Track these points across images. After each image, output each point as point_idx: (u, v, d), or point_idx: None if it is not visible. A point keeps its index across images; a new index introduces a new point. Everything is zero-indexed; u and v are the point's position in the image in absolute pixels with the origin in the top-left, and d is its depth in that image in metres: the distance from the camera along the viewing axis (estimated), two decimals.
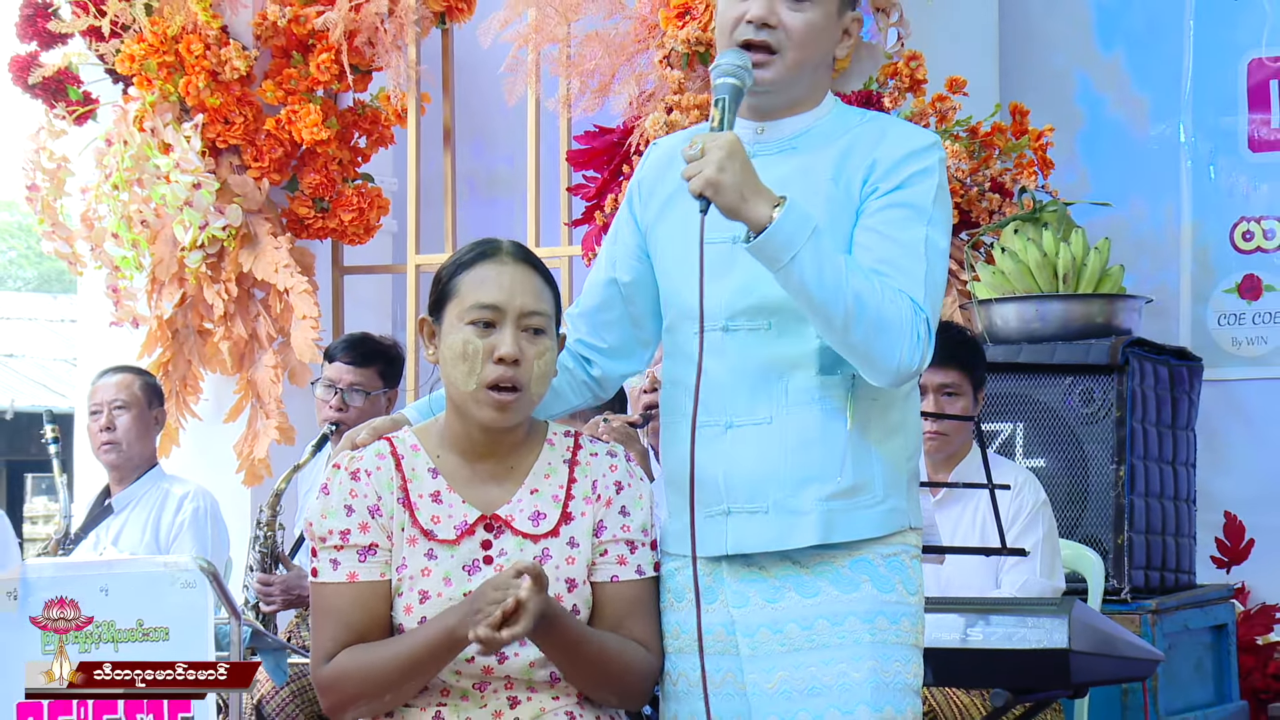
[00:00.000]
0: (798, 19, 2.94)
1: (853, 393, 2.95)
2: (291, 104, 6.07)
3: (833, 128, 3.02)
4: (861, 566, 2.96)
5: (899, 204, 2.92)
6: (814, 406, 2.95)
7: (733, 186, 2.80)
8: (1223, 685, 5.39)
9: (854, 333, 2.83)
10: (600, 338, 3.18)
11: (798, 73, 2.97)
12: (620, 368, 3.21)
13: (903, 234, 2.90)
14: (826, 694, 2.92)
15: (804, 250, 2.79)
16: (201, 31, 6.01)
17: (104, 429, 5.39)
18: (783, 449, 2.94)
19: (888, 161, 2.94)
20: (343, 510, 3.03)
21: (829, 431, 2.94)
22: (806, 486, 2.94)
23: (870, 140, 2.98)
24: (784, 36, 2.93)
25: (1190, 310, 6.16)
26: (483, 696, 3.01)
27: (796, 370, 2.95)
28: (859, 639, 2.93)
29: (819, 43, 2.97)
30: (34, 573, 4.19)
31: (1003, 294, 5.34)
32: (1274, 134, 6.10)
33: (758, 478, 2.93)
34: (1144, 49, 6.26)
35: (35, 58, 6.26)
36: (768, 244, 2.80)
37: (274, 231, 6.14)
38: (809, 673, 2.93)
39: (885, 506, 2.97)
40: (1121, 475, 5.08)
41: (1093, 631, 3.72)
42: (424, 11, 6.17)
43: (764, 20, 2.92)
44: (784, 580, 2.97)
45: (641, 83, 5.50)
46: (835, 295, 2.81)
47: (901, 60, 5.43)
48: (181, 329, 6.22)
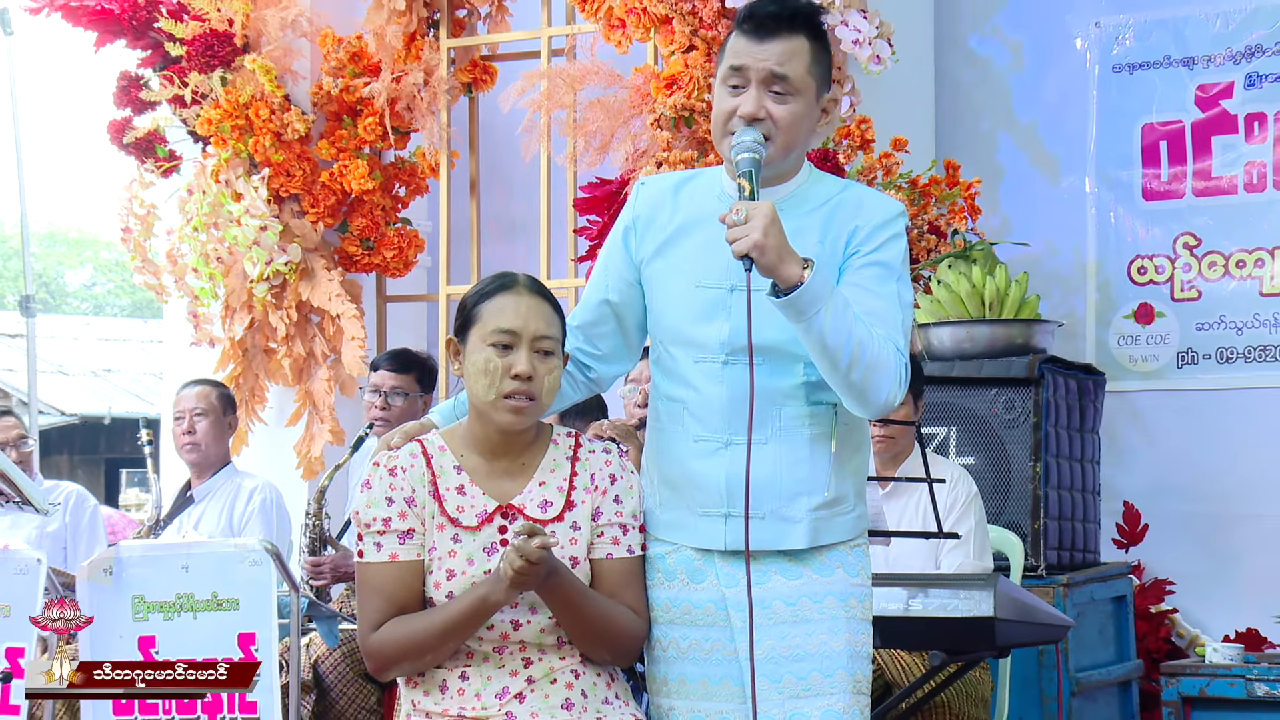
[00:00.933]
0: (783, 110, 2.91)
1: (835, 420, 2.96)
2: (342, 160, 6.07)
3: (813, 192, 3.01)
4: (834, 555, 2.98)
5: (876, 263, 2.92)
6: (803, 431, 2.95)
7: (774, 249, 2.76)
8: (1122, 647, 5.38)
9: (855, 373, 2.82)
10: (595, 346, 3.17)
11: (787, 154, 2.95)
12: (613, 370, 3.21)
13: (881, 289, 2.90)
14: (809, 659, 2.93)
15: (827, 306, 2.78)
16: (268, 99, 6.01)
17: (186, 433, 5.39)
18: (776, 466, 2.94)
19: (867, 228, 2.94)
20: (384, 501, 3.02)
21: (816, 452, 2.95)
22: (797, 499, 2.95)
23: (850, 209, 2.97)
24: (773, 126, 2.90)
25: (1094, 333, 6.15)
26: (501, 658, 3.01)
27: (789, 400, 2.95)
28: (836, 615, 2.95)
29: (803, 127, 2.95)
30: (126, 552, 4.18)
31: (939, 319, 5.33)
32: (1164, 186, 6.09)
33: (756, 488, 2.90)
34: (1055, 115, 6.25)
35: (129, 122, 6.25)
36: (800, 299, 2.77)
37: (328, 266, 6.13)
38: (793, 641, 2.94)
39: (855, 514, 3.01)
40: (1038, 471, 5.07)
41: (1014, 602, 3.71)
42: (454, 83, 6.18)
43: (754, 115, 2.89)
44: (769, 565, 2.97)
45: (636, 142, 5.49)
46: (845, 343, 2.80)
47: (854, 123, 5.43)
48: (250, 348, 6.21)
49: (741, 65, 2.90)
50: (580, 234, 5.74)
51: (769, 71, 2.89)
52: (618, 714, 3.04)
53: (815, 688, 2.92)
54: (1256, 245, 5.95)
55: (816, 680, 2.92)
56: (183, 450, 5.43)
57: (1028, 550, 4.94)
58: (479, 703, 2.99)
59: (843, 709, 2.91)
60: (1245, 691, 4.80)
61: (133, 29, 6.15)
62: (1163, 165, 6.09)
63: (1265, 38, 5.94)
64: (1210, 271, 6.00)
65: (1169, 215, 6.08)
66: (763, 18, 2.90)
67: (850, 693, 2.93)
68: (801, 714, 2.92)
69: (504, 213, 6.74)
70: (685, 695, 3.02)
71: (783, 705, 2.92)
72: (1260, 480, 5.86)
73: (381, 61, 6.12)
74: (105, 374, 20.19)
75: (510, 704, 2.99)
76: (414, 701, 3.05)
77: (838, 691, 2.92)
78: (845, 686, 2.92)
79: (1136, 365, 6.09)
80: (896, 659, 4.16)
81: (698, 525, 2.99)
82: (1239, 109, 5.97)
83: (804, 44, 2.91)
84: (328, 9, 6.27)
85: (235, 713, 4.02)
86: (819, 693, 2.92)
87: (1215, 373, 5.98)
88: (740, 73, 2.91)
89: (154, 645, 4.08)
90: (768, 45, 2.89)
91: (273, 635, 4.00)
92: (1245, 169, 5.97)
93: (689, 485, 3.00)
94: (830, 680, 2.92)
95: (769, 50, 2.89)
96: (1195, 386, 5.98)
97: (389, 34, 6.11)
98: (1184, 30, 6.07)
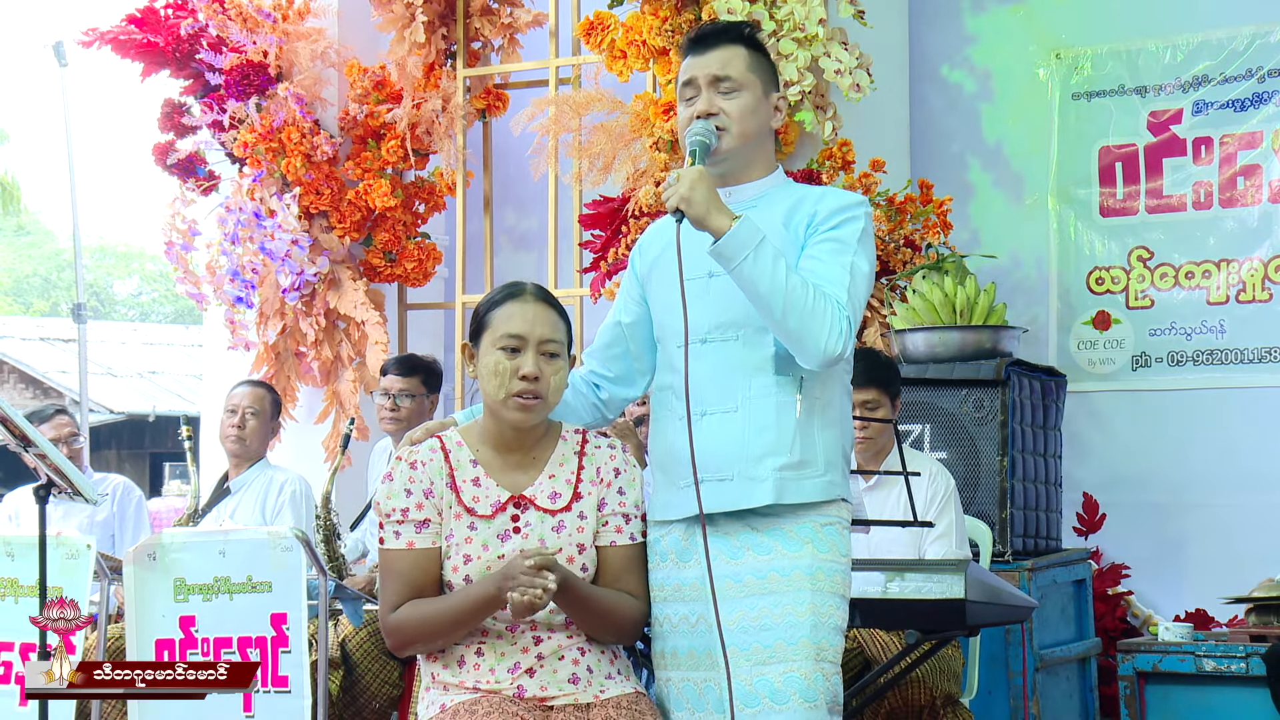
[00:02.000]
0: (732, 104, 3.02)
1: (801, 389, 2.94)
2: (367, 179, 6.06)
3: (783, 193, 3.07)
4: (804, 532, 2.95)
5: (831, 239, 2.97)
6: (770, 399, 2.95)
7: (700, 202, 2.86)
8: (1082, 626, 5.36)
9: (790, 319, 2.84)
10: (607, 368, 3.19)
11: (743, 142, 3.03)
12: (623, 393, 3.21)
13: (833, 259, 2.94)
14: (775, 629, 2.91)
15: (753, 253, 2.83)
16: (299, 124, 5.99)
17: (236, 426, 5.31)
18: (744, 431, 2.94)
19: (824, 212, 3.00)
20: (403, 492, 3.01)
21: (782, 419, 2.94)
22: (763, 459, 2.93)
23: (813, 200, 3.03)
24: (726, 118, 3.01)
25: (1056, 338, 6.13)
26: (514, 636, 3.00)
27: (758, 372, 2.96)
28: (801, 588, 2.92)
29: (755, 118, 3.04)
30: (168, 539, 4.16)
31: (914, 325, 5.31)
32: (1119, 204, 6.08)
33: (725, 453, 2.93)
34: (1019, 139, 6.24)
35: (172, 145, 6.23)
36: (726, 246, 2.84)
37: (354, 277, 6.12)
38: (761, 612, 2.93)
39: (825, 479, 2.97)
40: (1005, 465, 5.05)
41: (983, 585, 3.69)
42: (469, 109, 6.17)
43: (707, 111, 3.01)
44: (743, 541, 2.96)
45: (636, 163, 5.48)
46: (775, 289, 2.83)
47: (835, 146, 5.41)
48: (282, 352, 6.19)
49: (691, 77, 3.04)
50: (585, 247, 5.73)
51: (712, 75, 3.02)
52: (619, 688, 3.03)
53: (779, 655, 2.90)
54: (1204, 258, 5.94)
55: (781, 648, 2.90)
56: (227, 440, 5.35)
57: (996, 538, 4.92)
58: (493, 677, 2.98)
59: (803, 674, 2.87)
60: (1195, 667, 4.78)
61: (176, 60, 6.14)
62: (1118, 185, 6.08)
63: (1211, 69, 5.93)
64: (1162, 282, 5.99)
65: (1124, 230, 6.07)
66: (702, 35, 3.08)
67: (813, 660, 2.89)
68: (764, 679, 2.89)
69: (515, 227, 6.73)
70: (679, 666, 3.02)
71: (749, 671, 2.90)
72: (1208, 473, 5.85)
73: (403, 89, 6.12)
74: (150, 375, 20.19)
75: (521, 678, 2.98)
76: (433, 674, 3.04)
77: (800, 658, 2.88)
78: (808, 654, 2.88)
79: (1095, 368, 6.08)
80: (875, 638, 4.14)
81: (677, 498, 2.99)
82: (1187, 134, 5.97)
83: (741, 50, 3.05)
84: (354, 41, 6.26)
85: (269, 686, 4.00)
86: (782, 659, 2.89)
87: (1167, 375, 5.96)
88: (691, 84, 3.04)
89: (194, 624, 4.06)
90: (709, 55, 3.03)
91: (303, 615, 3.98)
92: (1193, 188, 5.96)
93: (672, 461, 3.01)
94: (793, 648, 2.89)
95: (710, 58, 3.03)
96: (1148, 387, 5.97)
97: (410, 64, 6.11)
98: (1137, 61, 6.06)
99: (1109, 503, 5.81)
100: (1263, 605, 4.89)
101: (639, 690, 3.06)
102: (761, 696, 2.89)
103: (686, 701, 3.00)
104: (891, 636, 4.13)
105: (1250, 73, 5.88)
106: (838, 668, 2.95)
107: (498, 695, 2.95)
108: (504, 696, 2.95)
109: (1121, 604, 5.72)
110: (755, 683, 2.90)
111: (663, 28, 5.38)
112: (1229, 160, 5.90)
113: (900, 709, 4.13)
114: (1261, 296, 5.83)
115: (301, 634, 3.98)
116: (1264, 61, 5.86)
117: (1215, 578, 5.56)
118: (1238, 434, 5.82)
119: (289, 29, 6.10)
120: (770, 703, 2.88)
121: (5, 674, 4.26)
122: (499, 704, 2.92)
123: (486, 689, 2.97)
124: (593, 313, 5.84)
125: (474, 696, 2.96)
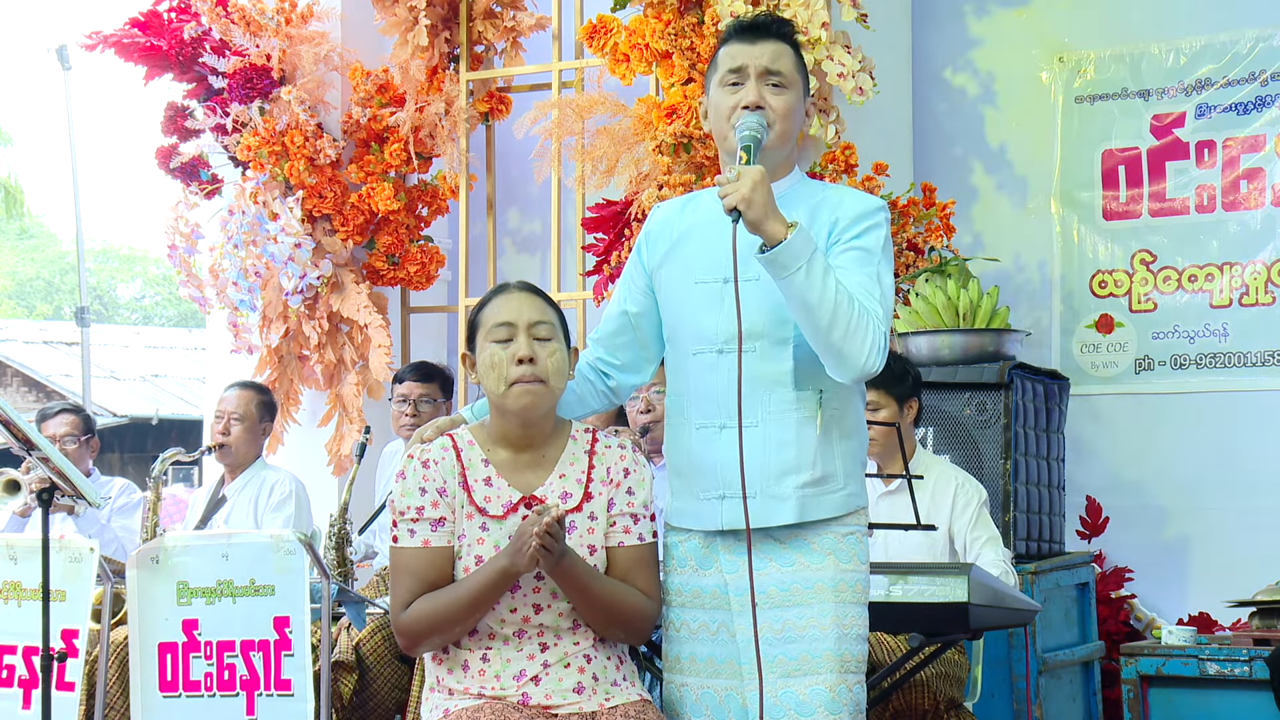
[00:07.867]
0: (780, 101, 2.97)
1: (820, 404, 2.92)
2: (370, 182, 6.05)
3: (802, 192, 3.02)
4: (827, 543, 2.94)
5: (856, 248, 2.93)
6: (790, 415, 2.92)
7: (760, 205, 2.78)
8: (1085, 629, 5.36)
9: (835, 333, 2.80)
10: (615, 356, 3.16)
11: (784, 141, 2.99)
12: (631, 379, 3.19)
13: (859, 269, 2.90)
14: (800, 641, 2.91)
15: (807, 264, 2.77)
16: (302, 127, 5.98)
17: (220, 433, 5.32)
18: (765, 447, 2.92)
19: (846, 220, 2.95)
20: (418, 491, 3.01)
21: (802, 435, 2.92)
22: (785, 477, 2.92)
23: (832, 205, 2.99)
24: (772, 114, 2.96)
25: (1059, 341, 6.13)
26: (521, 642, 2.99)
27: (776, 385, 2.93)
28: (825, 600, 2.92)
29: (796, 117, 3.01)
30: (171, 542, 4.15)
31: (917, 328, 5.31)
32: (1122, 207, 6.07)
33: (748, 470, 2.89)
34: (1022, 142, 6.24)
35: (175, 148, 6.22)
36: (782, 254, 2.78)
37: (356, 280, 6.11)
38: (785, 624, 2.92)
39: (845, 492, 2.97)
40: (1008, 468, 5.04)
41: (986, 588, 3.68)
42: (472, 112, 6.16)
43: (756, 103, 2.95)
44: (767, 553, 2.94)
45: (639, 166, 5.47)
46: (824, 302, 2.78)
47: (838, 149, 5.40)
48: (286, 355, 6.18)
49: (740, 65, 2.98)
50: (588, 250, 5.72)
51: (765, 67, 2.97)
52: (624, 694, 3.02)
53: (804, 667, 2.90)
54: (1207, 261, 5.93)
55: (806, 660, 2.90)
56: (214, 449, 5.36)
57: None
58: (498, 683, 2.97)
59: (829, 686, 2.89)
60: (1198, 670, 4.77)
61: (179, 64, 6.13)
62: (1121, 188, 6.08)
63: (1214, 72, 5.93)
64: (1165, 285, 5.98)
65: (1127, 234, 6.06)
66: (753, 24, 3.02)
67: (837, 671, 2.90)
68: (791, 692, 2.90)
69: (518, 231, 6.73)
70: (696, 673, 3.01)
71: (775, 683, 2.90)
72: (1211, 476, 5.84)
73: (406, 93, 6.11)
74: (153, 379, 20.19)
75: (526, 685, 2.96)
76: (438, 677, 3.03)
77: (825, 670, 2.89)
78: (832, 666, 2.89)
79: (1097, 371, 6.07)
80: (881, 641, 4.13)
81: (700, 509, 2.97)
82: (1190, 137, 5.96)
83: (788, 48, 3.02)
84: (357, 45, 6.25)
85: (272, 690, 3.99)
86: (808, 672, 2.90)
87: (1169, 378, 5.96)
88: (739, 72, 2.98)
89: (197, 627, 4.05)
90: (760, 45, 2.98)
91: (305, 618, 3.97)
92: (1196, 191, 5.95)
93: (693, 472, 2.99)
94: (818, 660, 2.90)
95: (762, 49, 2.98)
96: (1151, 390, 5.96)
97: (413, 68, 6.10)
98: (1140, 65, 6.06)
99: (1112, 506, 5.80)
100: (1266, 609, 4.88)
101: (644, 697, 3.04)
102: (787, 709, 2.90)
103: (706, 709, 3.00)
104: (896, 640, 4.12)
105: (1253, 76, 5.87)
106: (861, 676, 2.96)
107: (502, 702, 2.94)
108: (508, 704, 2.93)
109: (1125, 607, 5.70)
110: (781, 695, 2.90)
111: (665, 31, 5.37)
112: (1232, 163, 5.89)
113: (904, 712, 4.12)
114: (1264, 300, 5.83)
115: (304, 637, 3.97)
116: (1267, 65, 5.85)
117: (1218, 581, 5.55)
118: (1241, 437, 5.81)
119: (292, 32, 6.09)
120: (796, 715, 2.89)
121: (9, 677, 4.25)
122: (503, 711, 2.90)
123: (491, 695, 2.96)
124: (595, 316, 5.83)
125: (478, 703, 2.94)
